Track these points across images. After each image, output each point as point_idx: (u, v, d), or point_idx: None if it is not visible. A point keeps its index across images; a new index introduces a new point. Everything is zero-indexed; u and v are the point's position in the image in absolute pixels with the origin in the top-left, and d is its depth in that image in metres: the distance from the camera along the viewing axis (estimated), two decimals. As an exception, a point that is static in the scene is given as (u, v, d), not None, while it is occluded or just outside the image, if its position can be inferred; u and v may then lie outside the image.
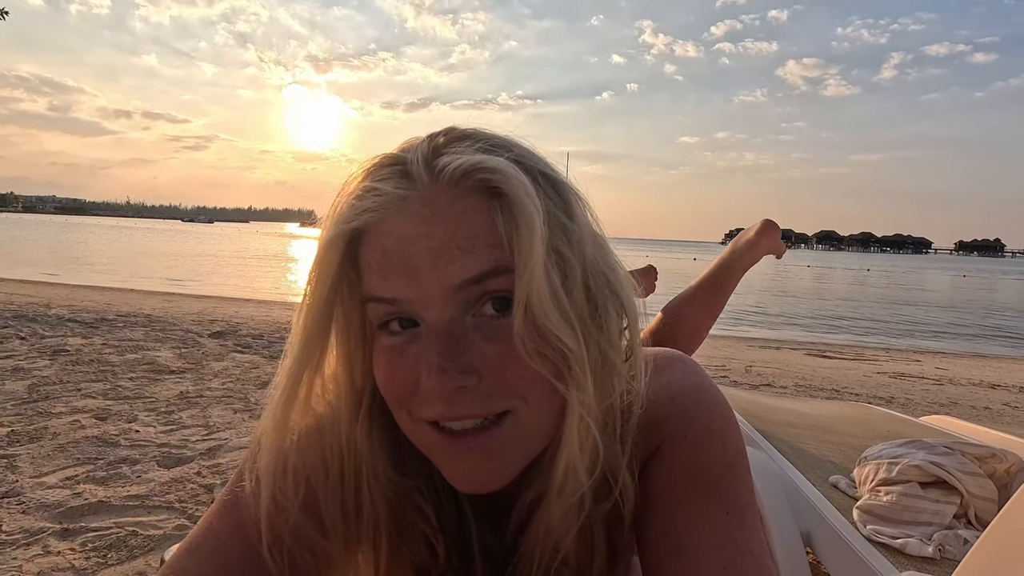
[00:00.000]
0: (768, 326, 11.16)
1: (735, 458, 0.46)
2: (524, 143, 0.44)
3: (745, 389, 3.98)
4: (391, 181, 0.40)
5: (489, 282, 0.39)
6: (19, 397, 2.74)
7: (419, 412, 0.41)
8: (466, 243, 0.38)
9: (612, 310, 0.43)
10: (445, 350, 0.38)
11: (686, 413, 0.47)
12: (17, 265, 15.62)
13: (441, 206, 0.39)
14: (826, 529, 0.96)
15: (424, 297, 0.39)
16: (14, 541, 1.51)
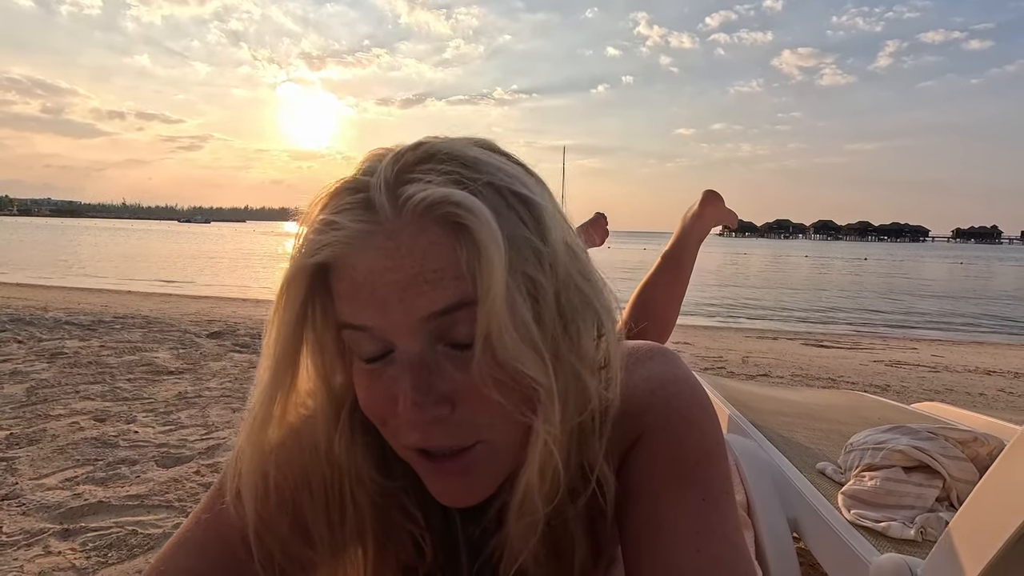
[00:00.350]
0: (765, 316, 11.20)
1: (712, 446, 0.48)
2: (499, 157, 0.43)
3: (741, 380, 4.00)
4: (352, 213, 0.39)
5: (457, 314, 0.39)
6: (18, 400, 2.75)
7: (399, 437, 0.43)
8: (432, 276, 0.38)
9: (588, 321, 0.43)
10: (418, 382, 0.39)
11: (665, 405, 0.48)
12: (14, 268, 15.58)
13: (406, 239, 0.38)
14: (812, 515, 0.97)
15: (394, 327, 0.39)
16: (15, 542, 1.52)
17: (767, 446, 1.27)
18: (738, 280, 21.25)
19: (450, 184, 0.39)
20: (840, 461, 1.13)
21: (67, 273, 14.89)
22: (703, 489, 0.46)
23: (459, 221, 0.38)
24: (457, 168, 0.40)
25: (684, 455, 0.47)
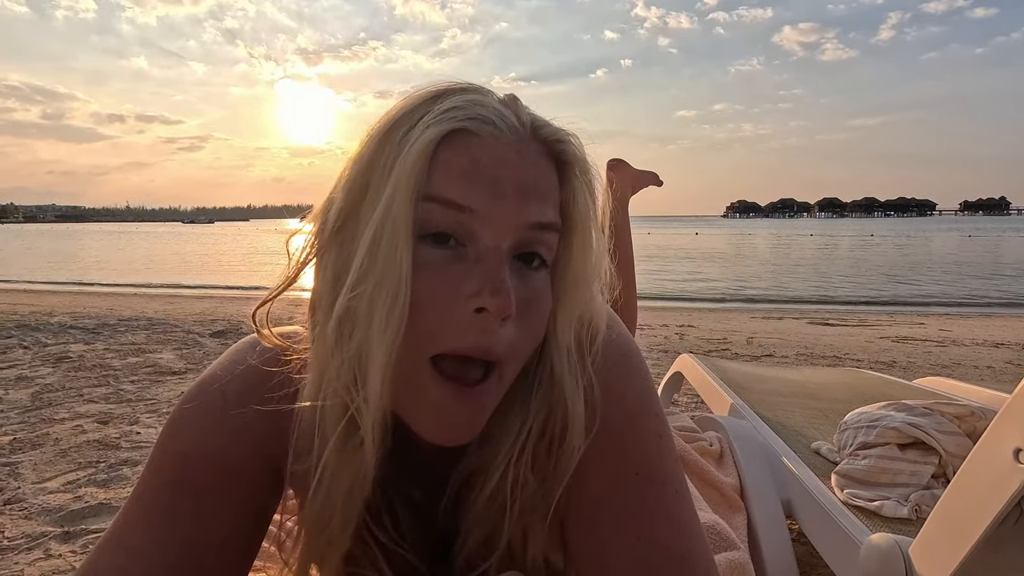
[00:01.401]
0: (770, 297, 11.14)
1: (636, 406, 0.46)
2: None
3: (746, 361, 3.98)
4: (493, 109, 0.42)
5: (545, 235, 0.42)
6: (23, 405, 2.77)
7: (443, 343, 0.39)
8: (545, 193, 0.42)
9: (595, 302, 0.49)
10: (506, 275, 0.39)
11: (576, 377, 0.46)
12: (21, 274, 15.70)
13: (532, 153, 0.42)
14: (805, 496, 0.96)
15: (499, 219, 0.40)
16: (16, 546, 1.53)
17: (762, 428, 1.25)
18: (742, 261, 21.14)
19: (566, 132, 0.45)
20: (834, 440, 1.11)
21: (72, 278, 14.99)
22: (633, 461, 0.45)
23: (564, 159, 0.44)
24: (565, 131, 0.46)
25: (605, 424, 0.45)
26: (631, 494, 0.43)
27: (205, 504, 0.46)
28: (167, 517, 0.45)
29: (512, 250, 0.41)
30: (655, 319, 6.45)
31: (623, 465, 0.44)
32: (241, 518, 0.48)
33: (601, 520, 0.43)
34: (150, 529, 0.45)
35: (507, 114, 0.42)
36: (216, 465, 0.47)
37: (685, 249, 27.65)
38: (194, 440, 0.48)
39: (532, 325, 0.42)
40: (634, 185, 1.64)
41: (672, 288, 12.14)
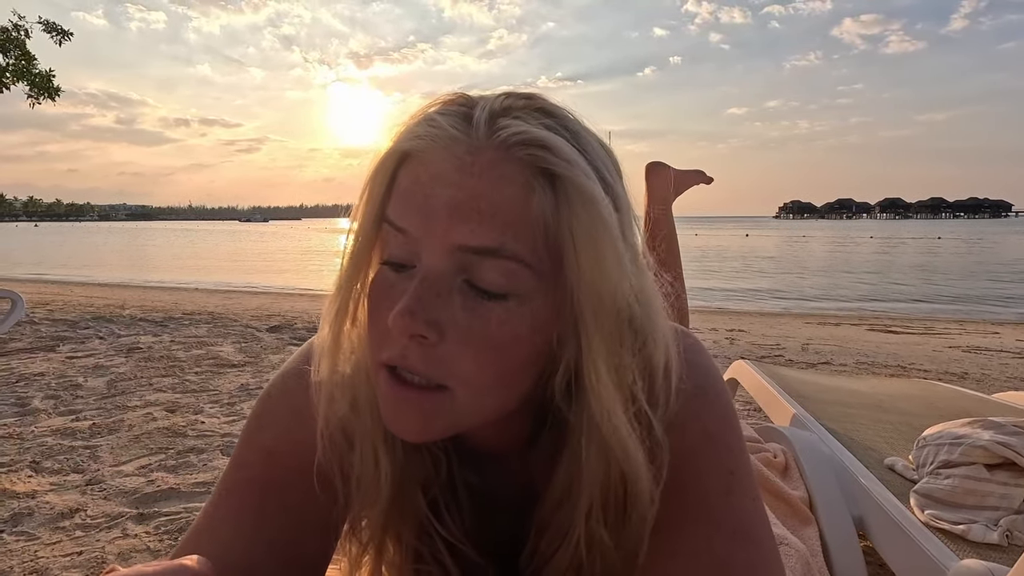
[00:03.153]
0: (827, 301, 10.67)
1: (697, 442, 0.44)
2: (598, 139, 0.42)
3: (801, 368, 3.82)
4: (450, 119, 0.39)
5: (490, 259, 0.38)
6: (100, 392, 2.96)
7: (379, 352, 0.41)
8: (487, 209, 0.37)
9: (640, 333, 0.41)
10: (420, 295, 0.38)
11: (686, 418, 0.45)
12: (97, 270, 16.80)
13: (483, 162, 0.38)
14: (880, 514, 0.91)
15: (427, 240, 0.38)
16: (97, 525, 1.64)
17: (829, 440, 1.20)
18: (797, 263, 20.34)
19: (552, 131, 0.39)
20: (912, 457, 1.05)
21: (141, 273, 15.92)
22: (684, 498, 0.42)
23: (548, 168, 0.37)
24: (561, 128, 0.40)
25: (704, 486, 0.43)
26: (676, 532, 0.41)
27: (290, 499, 0.48)
28: (252, 515, 0.47)
29: (457, 273, 0.39)
30: (703, 323, 6.29)
31: (676, 499, 0.42)
32: (323, 512, 0.49)
33: (649, 559, 0.42)
34: (239, 524, 0.47)
35: (449, 123, 0.39)
36: (300, 461, 0.48)
37: (735, 251, 26.83)
38: (279, 435, 0.50)
39: (481, 355, 0.38)
40: (677, 187, 1.59)
41: (721, 291, 11.80)
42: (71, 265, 19.12)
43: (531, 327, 0.39)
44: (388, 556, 0.52)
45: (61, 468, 2.02)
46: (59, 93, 8.82)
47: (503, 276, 0.38)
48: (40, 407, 2.70)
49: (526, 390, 0.42)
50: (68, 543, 1.55)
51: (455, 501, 0.53)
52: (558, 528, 0.46)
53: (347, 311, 0.44)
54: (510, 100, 0.40)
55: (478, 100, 0.41)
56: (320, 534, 0.50)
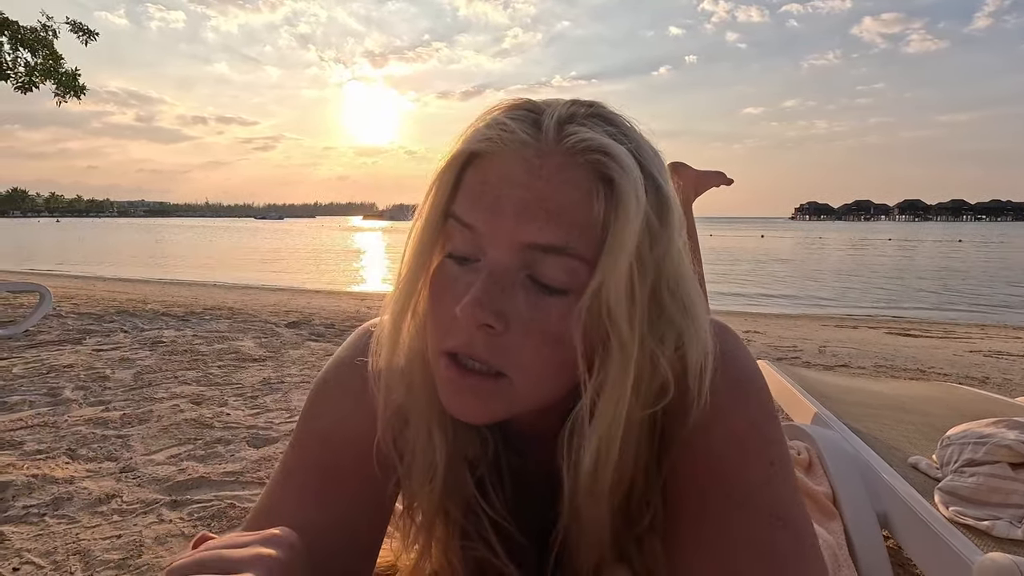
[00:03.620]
0: (844, 303, 10.55)
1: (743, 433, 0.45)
2: (651, 145, 0.45)
3: (819, 370, 3.80)
4: (521, 123, 0.42)
5: (554, 256, 0.40)
6: (127, 384, 3.04)
7: (442, 340, 0.43)
8: (554, 209, 0.40)
9: (673, 326, 0.43)
10: (489, 288, 0.40)
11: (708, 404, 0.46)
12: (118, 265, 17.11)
13: (551, 166, 0.40)
14: (904, 510, 0.93)
15: (495, 237, 0.41)
16: (133, 510, 1.70)
17: (852, 438, 1.21)
18: (813, 265, 20.11)
19: (615, 139, 0.41)
20: (936, 456, 1.06)
21: (161, 268, 16.20)
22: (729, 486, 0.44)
23: (608, 174, 0.40)
24: (622, 136, 0.42)
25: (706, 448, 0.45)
26: (721, 520, 0.43)
27: (347, 481, 0.51)
28: (315, 494, 0.50)
29: (520, 268, 0.41)
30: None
31: (717, 489, 0.43)
32: (377, 493, 0.53)
33: (692, 546, 0.43)
34: (300, 504, 0.50)
35: (520, 128, 0.41)
36: (356, 446, 0.51)
37: (750, 252, 26.59)
38: (335, 421, 0.53)
39: (540, 346, 0.41)
40: (697, 188, 1.60)
41: (736, 292, 11.72)
42: (93, 260, 19.49)
43: (566, 315, 0.41)
44: (437, 533, 0.55)
45: (96, 456, 2.08)
46: (84, 92, 9.00)
47: (565, 273, 0.41)
48: (71, 397, 2.78)
49: (577, 380, 0.44)
50: (107, 527, 1.61)
51: (500, 481, 0.55)
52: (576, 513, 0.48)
53: (409, 302, 0.47)
54: (575, 107, 0.43)
55: (545, 107, 0.43)
56: (374, 514, 0.53)
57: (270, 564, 0.34)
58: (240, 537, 0.37)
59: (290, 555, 0.36)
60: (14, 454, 2.07)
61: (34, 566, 1.42)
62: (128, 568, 1.42)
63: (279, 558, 0.35)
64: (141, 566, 1.43)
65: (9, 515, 1.65)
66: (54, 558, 1.46)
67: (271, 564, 0.34)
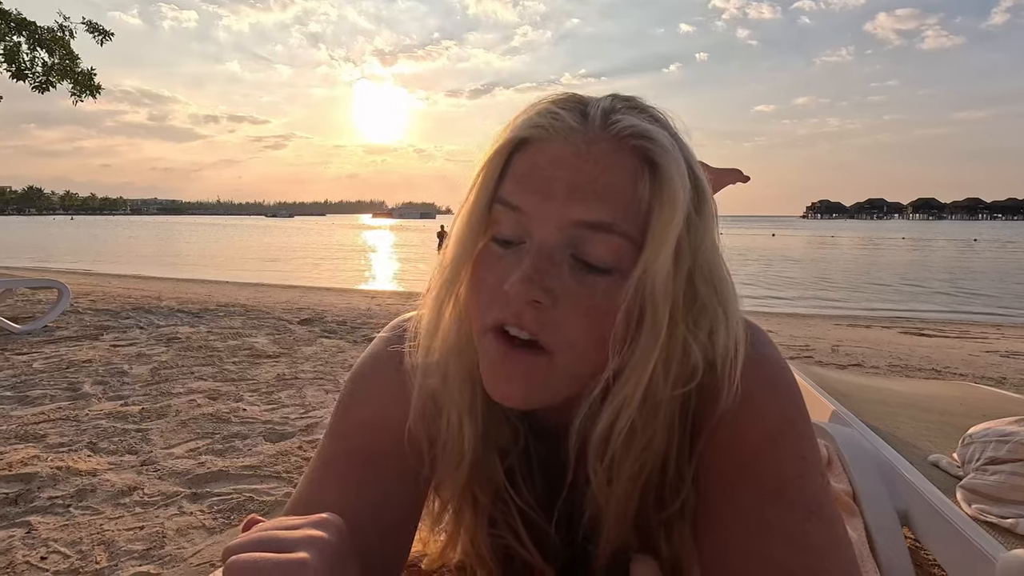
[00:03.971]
0: (856, 303, 10.45)
1: (776, 428, 0.46)
2: (687, 139, 0.47)
3: (832, 370, 3.78)
4: (570, 113, 0.44)
5: (600, 234, 0.42)
6: (144, 380, 3.08)
7: (489, 315, 0.44)
8: (602, 190, 0.42)
9: (707, 312, 0.45)
10: (539, 265, 0.42)
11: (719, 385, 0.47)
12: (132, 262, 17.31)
13: (598, 151, 0.43)
14: (926, 508, 0.92)
15: (543, 217, 0.43)
16: (155, 502, 1.73)
17: (871, 436, 1.21)
18: (825, 264, 19.92)
19: (655, 128, 0.44)
20: (956, 454, 1.06)
21: (174, 265, 16.37)
22: (761, 480, 0.44)
23: (652, 158, 0.42)
24: (661, 126, 0.45)
25: (739, 443, 0.45)
26: (754, 512, 0.43)
27: (384, 468, 0.52)
28: (354, 482, 0.51)
29: (567, 247, 0.43)
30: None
31: (751, 482, 0.44)
32: (412, 480, 0.54)
33: (725, 537, 0.44)
34: (340, 491, 0.51)
35: (569, 117, 0.44)
36: (394, 435, 0.53)
37: (760, 251, 26.39)
38: (373, 411, 0.54)
39: (585, 321, 0.42)
40: (714, 185, 1.60)
41: (747, 291, 11.65)
42: (107, 258, 19.73)
43: (612, 294, 0.43)
44: (466, 520, 0.56)
45: (117, 449, 2.12)
46: (99, 91, 9.11)
47: (610, 252, 0.42)
48: (91, 392, 2.83)
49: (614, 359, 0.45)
50: (130, 518, 1.64)
51: (529, 472, 0.56)
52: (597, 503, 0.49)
53: (453, 288, 0.48)
54: (616, 101, 0.46)
55: (589, 99, 0.46)
56: (410, 503, 0.54)
57: (321, 545, 0.35)
58: (290, 520, 0.38)
59: (339, 538, 0.37)
60: (38, 447, 2.11)
61: (61, 555, 1.45)
62: (151, 559, 1.45)
63: (330, 540, 0.36)
64: (164, 556, 1.46)
65: (35, 506, 1.69)
66: (80, 548, 1.49)
67: (322, 545, 0.35)
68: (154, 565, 1.43)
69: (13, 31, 8.39)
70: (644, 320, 0.42)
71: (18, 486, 1.80)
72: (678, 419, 0.47)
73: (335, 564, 0.35)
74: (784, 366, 0.50)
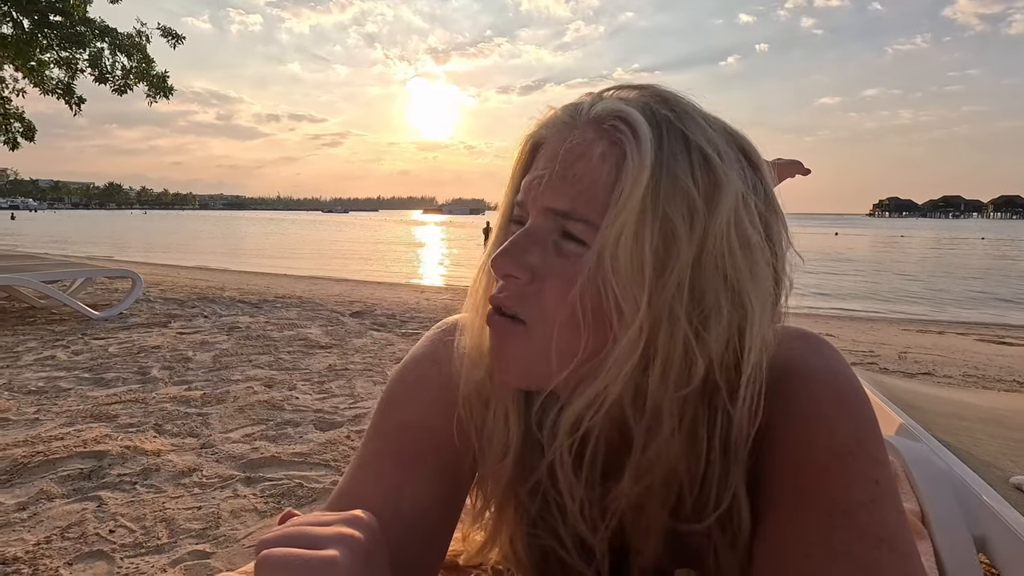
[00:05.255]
0: (928, 306, 9.80)
1: (850, 445, 0.42)
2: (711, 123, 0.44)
3: (899, 378, 3.55)
4: (567, 108, 0.47)
5: (567, 222, 0.43)
6: (207, 366, 3.25)
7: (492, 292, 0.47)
8: (572, 178, 0.43)
9: (723, 313, 0.41)
10: (519, 241, 0.44)
11: (788, 400, 0.44)
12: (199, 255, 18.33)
13: (578, 139, 0.44)
14: (1007, 535, 0.84)
15: (532, 207, 0.46)
16: (212, 484, 1.82)
17: (943, 453, 1.12)
18: (893, 265, 18.79)
19: (638, 108, 0.42)
20: (1044, 477, 0.96)
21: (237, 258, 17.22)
22: (829, 500, 0.41)
23: (618, 137, 0.42)
24: (656, 104, 0.43)
25: (806, 459, 0.42)
26: (817, 535, 0.40)
27: (425, 467, 0.52)
28: (394, 480, 0.51)
29: (555, 229, 0.44)
30: (787, 325, 5.97)
31: (817, 502, 0.41)
32: (452, 479, 0.53)
33: (783, 559, 0.41)
34: (380, 490, 0.51)
35: (564, 114, 0.46)
36: (435, 436, 0.53)
37: (822, 251, 25.18)
38: (415, 412, 0.54)
39: (557, 292, 0.43)
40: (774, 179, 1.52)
41: (806, 293, 11.13)
42: (177, 250, 20.96)
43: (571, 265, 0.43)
44: (507, 517, 0.55)
45: (179, 432, 2.24)
46: (172, 92, 9.67)
47: (582, 233, 0.43)
48: (158, 376, 3.00)
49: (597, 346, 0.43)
50: (189, 498, 1.73)
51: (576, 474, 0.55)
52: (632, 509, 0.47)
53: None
54: (619, 89, 0.46)
55: (594, 96, 0.47)
56: (448, 504, 0.54)
57: (352, 543, 0.35)
58: (324, 515, 0.38)
59: (370, 537, 0.37)
60: (109, 426, 2.26)
61: (127, 530, 1.55)
62: (207, 538, 1.52)
63: (360, 538, 0.36)
64: (219, 536, 1.53)
65: (106, 481, 1.81)
66: (144, 523, 1.58)
67: (353, 543, 0.35)
68: (209, 544, 1.50)
69: (97, 37, 9.01)
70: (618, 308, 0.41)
71: (91, 462, 1.94)
72: (703, 426, 0.44)
73: (365, 563, 0.35)
74: (857, 385, 0.46)
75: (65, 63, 9.09)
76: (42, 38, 8.77)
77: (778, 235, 0.45)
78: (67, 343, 3.69)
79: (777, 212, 0.45)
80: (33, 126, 10.07)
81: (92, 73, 9.20)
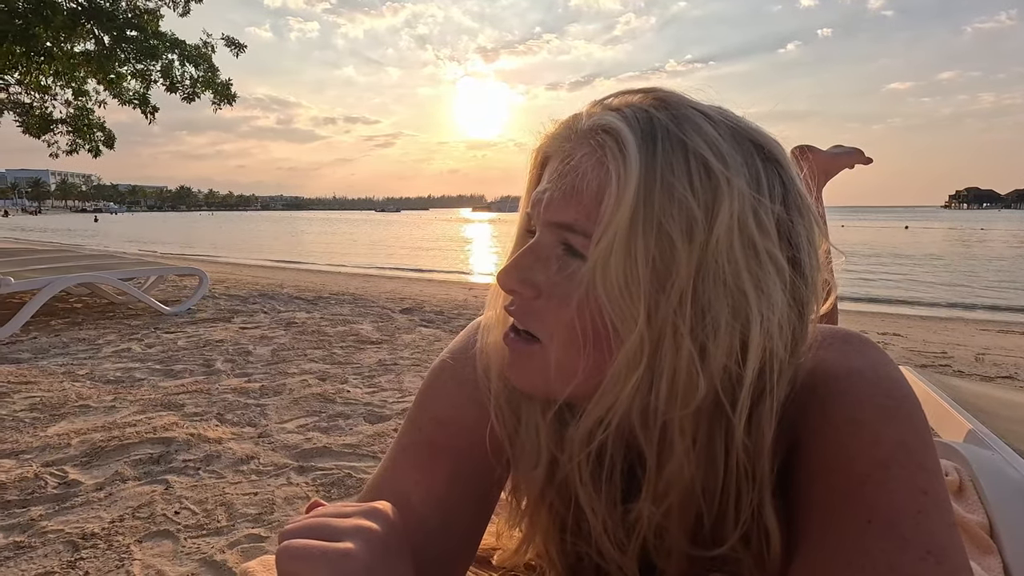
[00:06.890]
0: (1011, 306, 9.07)
1: (895, 453, 0.40)
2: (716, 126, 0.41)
3: (975, 381, 3.31)
4: (565, 124, 0.47)
5: (567, 235, 0.43)
6: (266, 360, 3.41)
7: None
8: (569, 191, 0.43)
9: (729, 326, 0.39)
10: (524, 258, 0.45)
11: (827, 404, 0.42)
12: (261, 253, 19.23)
13: (571, 155, 0.44)
14: (1088, 553, 0.77)
15: (537, 218, 0.46)
16: (268, 472, 1.91)
17: (1017, 461, 1.03)
18: (970, 260, 17.49)
19: (626, 119, 0.41)
20: None
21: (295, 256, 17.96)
22: (869, 509, 0.39)
23: (605, 151, 0.41)
24: (655, 110, 0.42)
25: (846, 466, 0.40)
26: (858, 545, 0.38)
27: (457, 462, 0.53)
28: (427, 471, 0.53)
29: (559, 243, 0.44)
30: (848, 324, 5.66)
31: (856, 511, 0.39)
32: (485, 478, 0.54)
33: (821, 569, 0.40)
34: (413, 481, 0.53)
35: (563, 127, 0.46)
36: (468, 433, 0.53)
37: (890, 245, 23.74)
38: (450, 409, 0.55)
39: (563, 310, 0.42)
40: (827, 170, 1.44)
41: (871, 289, 10.52)
42: (239, 248, 22.07)
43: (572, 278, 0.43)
44: (541, 522, 0.55)
45: (239, 421, 2.37)
46: (235, 99, 10.18)
47: (583, 247, 0.42)
48: (222, 368, 3.17)
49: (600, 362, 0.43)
50: (246, 484, 1.82)
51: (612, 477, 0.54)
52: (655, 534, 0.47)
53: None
54: (622, 95, 0.45)
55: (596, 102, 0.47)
56: (479, 500, 0.54)
57: (368, 536, 0.36)
58: (345, 507, 0.39)
59: (388, 529, 0.38)
60: (177, 415, 2.41)
61: (190, 512, 1.65)
62: (262, 523, 1.60)
63: (377, 530, 0.37)
64: (272, 522, 1.61)
65: (173, 466, 1.93)
66: (205, 507, 1.68)
67: (369, 536, 0.36)
68: (264, 528, 1.57)
69: (168, 50, 9.59)
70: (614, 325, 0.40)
71: (160, 448, 2.07)
72: (720, 445, 0.42)
73: (382, 555, 0.36)
74: (905, 387, 0.44)
75: (140, 75, 9.73)
76: (120, 52, 9.42)
77: (803, 236, 0.42)
78: (141, 336, 3.96)
79: (803, 212, 0.42)
80: (113, 134, 10.84)
81: (164, 83, 9.81)
